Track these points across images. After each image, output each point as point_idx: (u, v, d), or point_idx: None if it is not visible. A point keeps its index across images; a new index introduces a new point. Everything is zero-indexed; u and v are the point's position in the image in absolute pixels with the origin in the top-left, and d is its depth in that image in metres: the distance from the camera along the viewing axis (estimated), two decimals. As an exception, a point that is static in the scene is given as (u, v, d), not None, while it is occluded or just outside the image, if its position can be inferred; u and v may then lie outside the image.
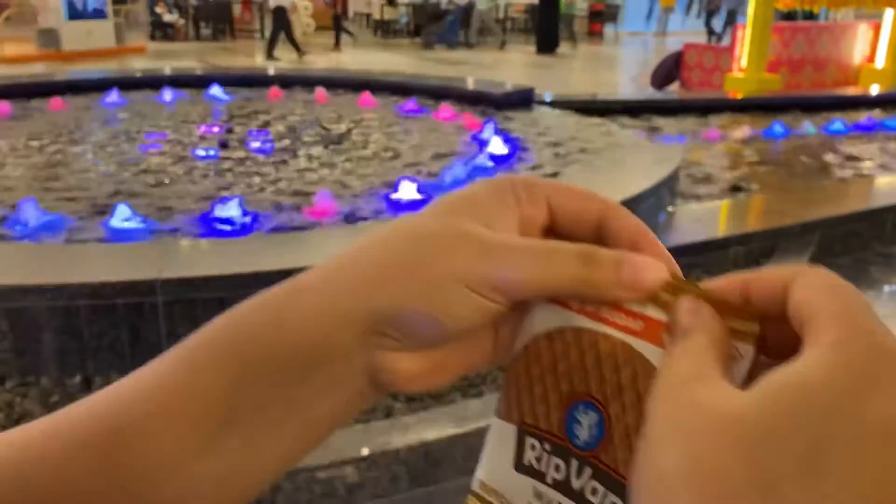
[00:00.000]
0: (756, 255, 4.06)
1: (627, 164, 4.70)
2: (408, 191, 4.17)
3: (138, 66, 12.47)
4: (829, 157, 6.26)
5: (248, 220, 3.84)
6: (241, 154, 5.48)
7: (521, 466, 0.36)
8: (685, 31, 21.81)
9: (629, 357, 0.33)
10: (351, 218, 3.98)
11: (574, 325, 0.34)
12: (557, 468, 0.35)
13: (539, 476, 0.35)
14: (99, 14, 14.74)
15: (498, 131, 5.63)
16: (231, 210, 3.81)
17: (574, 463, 0.34)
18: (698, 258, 3.95)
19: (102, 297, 2.68)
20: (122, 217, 3.71)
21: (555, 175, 4.51)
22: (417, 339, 0.33)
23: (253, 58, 15.69)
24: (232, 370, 0.34)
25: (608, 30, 22.89)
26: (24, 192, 4.24)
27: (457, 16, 18.56)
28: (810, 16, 12.95)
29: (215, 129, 6.29)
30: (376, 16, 21.88)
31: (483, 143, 5.46)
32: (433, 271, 0.33)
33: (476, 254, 0.33)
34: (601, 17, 22.36)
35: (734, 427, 0.25)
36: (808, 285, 0.29)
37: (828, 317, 0.27)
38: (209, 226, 3.80)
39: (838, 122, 7.30)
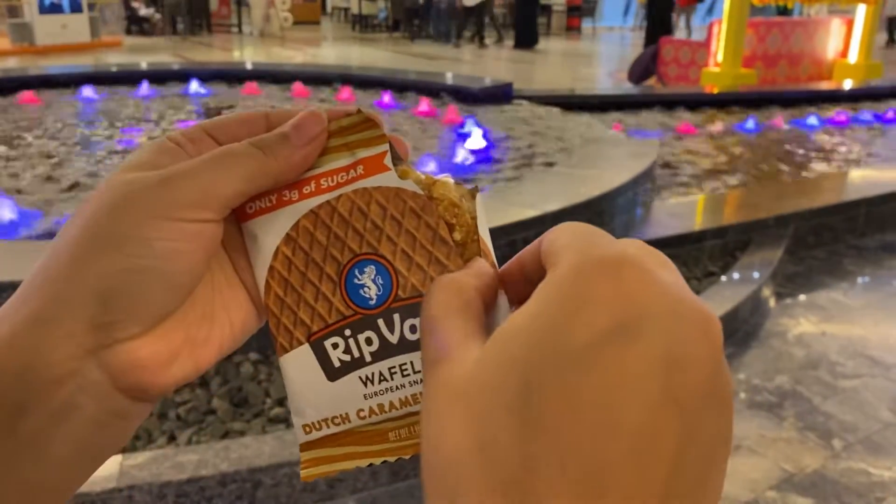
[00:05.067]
0: (731, 248, 4.11)
1: (604, 158, 4.73)
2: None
3: (113, 60, 12.32)
4: (803, 151, 6.34)
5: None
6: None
7: (334, 373, 0.33)
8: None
9: (368, 199, 0.32)
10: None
11: (302, 213, 0.33)
12: (369, 340, 0.32)
13: (358, 364, 0.32)
14: (71, 8, 14.55)
15: (476, 126, 5.63)
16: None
17: (380, 322, 0.32)
18: (676, 251, 3.99)
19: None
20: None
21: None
22: (149, 307, 0.29)
23: (230, 52, 15.56)
24: None
25: (586, 25, 22.97)
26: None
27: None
28: (784, 11, 13.08)
29: (191, 124, 6.24)
30: (354, 10, 21.79)
31: (461, 138, 5.46)
32: (122, 226, 0.29)
33: (153, 188, 0.30)
34: (579, 11, 22.42)
35: (462, 395, 0.23)
36: (551, 233, 0.27)
37: (557, 251, 0.25)
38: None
39: (812, 116, 7.39)
